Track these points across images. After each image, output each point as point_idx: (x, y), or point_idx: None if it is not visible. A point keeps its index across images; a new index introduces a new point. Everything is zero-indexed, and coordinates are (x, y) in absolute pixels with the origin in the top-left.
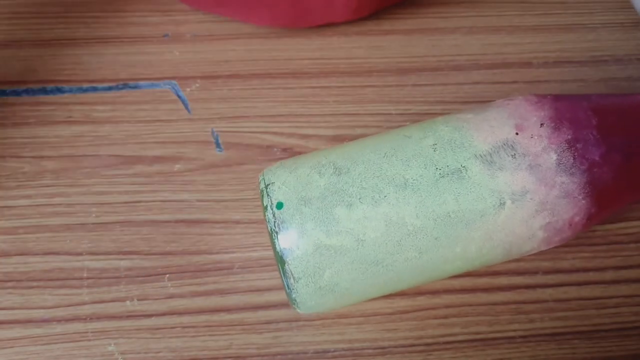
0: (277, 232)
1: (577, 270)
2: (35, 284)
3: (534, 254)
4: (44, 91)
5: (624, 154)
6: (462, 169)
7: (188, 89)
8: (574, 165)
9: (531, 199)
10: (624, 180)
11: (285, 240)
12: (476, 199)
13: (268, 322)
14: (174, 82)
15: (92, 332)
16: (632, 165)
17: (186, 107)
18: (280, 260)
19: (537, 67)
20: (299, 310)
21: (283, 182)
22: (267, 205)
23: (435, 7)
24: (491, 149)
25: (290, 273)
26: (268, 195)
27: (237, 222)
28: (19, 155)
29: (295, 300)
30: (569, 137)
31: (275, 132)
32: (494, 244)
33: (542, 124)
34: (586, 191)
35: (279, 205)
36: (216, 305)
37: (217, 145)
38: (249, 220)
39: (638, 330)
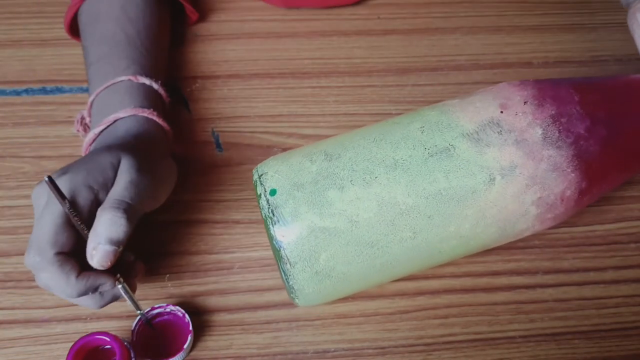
0: (271, 218)
1: (577, 270)
2: (35, 284)
3: (534, 255)
4: (44, 91)
5: (608, 127)
6: (450, 147)
7: (188, 89)
8: (560, 138)
9: (520, 173)
10: (611, 154)
11: (280, 226)
12: (466, 175)
13: (268, 322)
14: (174, 82)
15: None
16: (617, 139)
17: (186, 107)
18: (275, 246)
19: (537, 67)
20: (298, 302)
21: (276, 170)
22: (260, 194)
23: (435, 7)
24: (477, 127)
25: (286, 258)
26: (261, 184)
27: (237, 222)
28: (19, 155)
29: (293, 288)
30: (553, 112)
31: (275, 132)
32: (488, 222)
33: (525, 102)
34: (574, 164)
35: (272, 192)
36: (216, 305)
37: (217, 145)
38: (249, 220)
39: (638, 330)
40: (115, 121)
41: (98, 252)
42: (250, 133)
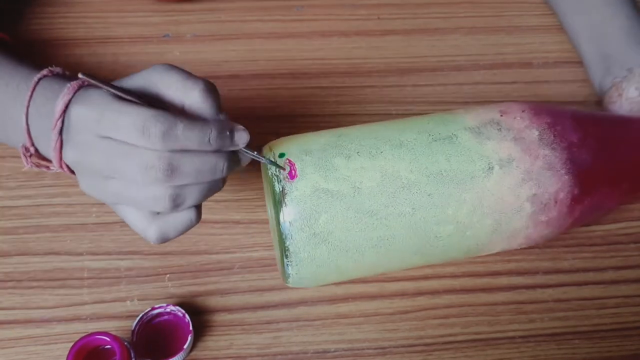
0: (277, 177)
1: (577, 271)
2: (35, 284)
3: (534, 255)
4: None
5: (599, 142)
6: (452, 136)
7: None
8: (555, 141)
9: (517, 166)
10: (602, 167)
11: (284, 183)
12: (466, 161)
13: (268, 322)
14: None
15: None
16: (608, 155)
17: None
18: (277, 203)
19: (537, 67)
20: (289, 272)
21: (286, 141)
22: (269, 158)
23: (435, 7)
24: (479, 123)
25: (287, 216)
26: (271, 149)
27: (237, 222)
28: (19, 155)
29: (288, 251)
30: (549, 120)
31: (275, 133)
32: (485, 211)
33: (523, 111)
34: (568, 167)
35: (281, 155)
36: (216, 305)
37: None
38: (249, 221)
39: (638, 331)
40: (64, 111)
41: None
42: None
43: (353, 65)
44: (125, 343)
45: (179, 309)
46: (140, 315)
